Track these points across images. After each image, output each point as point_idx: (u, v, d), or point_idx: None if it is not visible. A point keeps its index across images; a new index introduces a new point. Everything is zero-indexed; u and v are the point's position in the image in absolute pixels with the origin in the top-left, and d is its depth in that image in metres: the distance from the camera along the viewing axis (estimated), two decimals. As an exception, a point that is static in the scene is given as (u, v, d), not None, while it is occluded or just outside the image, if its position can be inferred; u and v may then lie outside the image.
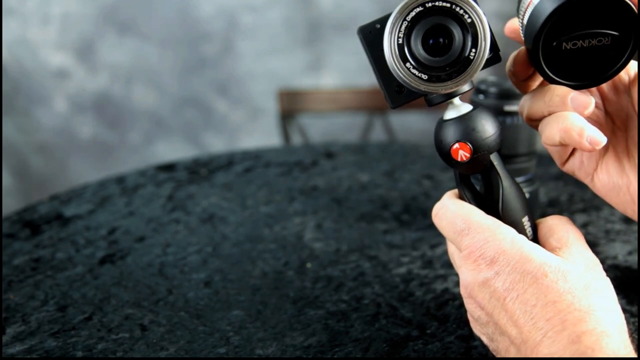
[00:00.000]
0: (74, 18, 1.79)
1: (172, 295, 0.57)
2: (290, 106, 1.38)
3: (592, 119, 0.40)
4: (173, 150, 1.91)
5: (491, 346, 0.39)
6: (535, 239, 0.41)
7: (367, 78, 1.74)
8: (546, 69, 0.37)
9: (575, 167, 0.41)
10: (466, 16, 0.36)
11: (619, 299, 0.36)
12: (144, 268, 0.62)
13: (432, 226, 0.68)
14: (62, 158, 1.97)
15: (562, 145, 0.38)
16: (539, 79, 0.41)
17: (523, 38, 0.39)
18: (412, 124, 1.71)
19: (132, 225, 0.72)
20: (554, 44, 0.36)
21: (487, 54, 0.37)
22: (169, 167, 0.91)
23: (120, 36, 1.80)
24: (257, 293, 0.56)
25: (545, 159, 0.83)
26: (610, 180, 0.40)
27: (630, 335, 0.35)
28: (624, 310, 0.49)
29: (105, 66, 1.84)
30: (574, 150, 0.41)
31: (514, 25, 0.41)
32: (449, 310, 0.53)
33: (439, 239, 0.65)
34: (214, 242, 0.67)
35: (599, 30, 0.35)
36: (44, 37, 1.81)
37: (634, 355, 0.33)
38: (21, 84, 1.87)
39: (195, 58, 1.81)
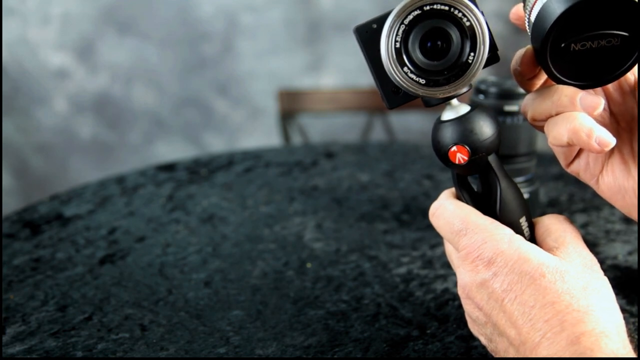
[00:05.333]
0: (74, 18, 1.79)
1: (172, 295, 0.57)
2: (290, 106, 1.38)
3: (597, 120, 0.39)
4: (173, 150, 1.91)
5: (489, 346, 0.39)
6: (532, 239, 0.41)
7: (367, 78, 1.74)
8: (554, 70, 0.37)
9: (580, 168, 0.40)
10: (464, 19, 0.36)
11: (618, 299, 0.37)
12: (144, 268, 0.62)
13: (432, 226, 0.68)
14: (62, 158, 1.97)
15: (570, 146, 0.37)
16: (543, 77, 0.40)
17: (529, 33, 0.38)
18: (412, 124, 1.71)
19: (132, 225, 0.72)
20: (562, 45, 0.35)
21: (485, 58, 0.36)
22: (169, 167, 0.91)
23: (120, 36, 1.80)
24: (257, 293, 0.56)
25: (545, 159, 0.83)
26: (616, 183, 0.39)
27: (630, 335, 0.35)
28: (624, 310, 0.49)
29: (105, 66, 1.84)
30: (579, 152, 0.40)
31: (520, 12, 0.40)
32: (449, 310, 0.53)
33: (438, 239, 0.65)
34: (214, 242, 0.67)
35: (609, 31, 0.35)
36: (44, 37, 1.81)
37: (633, 355, 0.33)
38: (21, 84, 1.87)
39: (195, 58, 1.81)
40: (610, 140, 0.35)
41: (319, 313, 0.53)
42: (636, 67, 0.37)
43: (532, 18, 0.37)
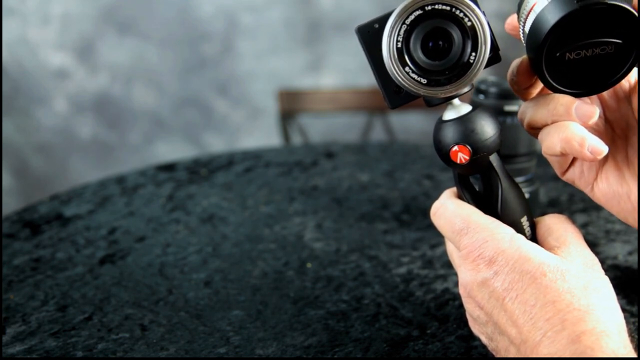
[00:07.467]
0: (74, 18, 1.79)
1: (172, 295, 0.57)
2: (290, 106, 1.38)
3: (592, 128, 0.40)
4: (173, 150, 1.91)
5: (490, 345, 0.39)
6: (534, 238, 0.41)
7: (367, 78, 1.74)
8: (549, 79, 0.37)
9: (575, 176, 0.41)
10: (466, 19, 0.36)
11: (619, 299, 0.37)
12: (144, 268, 0.62)
13: (432, 226, 0.67)
14: (62, 158, 1.97)
15: (563, 155, 0.37)
16: (540, 86, 0.40)
17: (523, 43, 0.38)
18: (412, 124, 1.71)
19: (132, 225, 0.72)
20: (557, 54, 0.36)
21: (486, 58, 0.36)
22: (169, 167, 0.91)
23: (120, 36, 1.80)
24: (257, 293, 0.56)
25: (545, 159, 0.83)
26: (611, 189, 0.39)
27: (630, 334, 0.35)
28: (624, 310, 0.49)
29: (105, 66, 1.84)
30: (574, 160, 0.41)
31: (515, 23, 0.41)
32: (449, 310, 0.53)
33: (439, 239, 0.65)
34: (214, 242, 0.67)
35: (603, 40, 0.35)
36: (44, 37, 1.81)
37: (633, 354, 0.33)
38: (21, 84, 1.87)
39: (195, 58, 1.81)
40: (603, 149, 0.35)
41: (319, 313, 0.53)
42: (631, 74, 0.37)
43: (527, 29, 0.37)
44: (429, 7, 0.35)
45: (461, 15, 0.36)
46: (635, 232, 0.65)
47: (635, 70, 0.37)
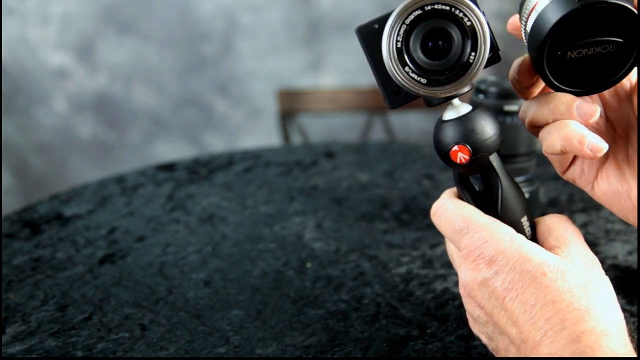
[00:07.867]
0: (74, 18, 1.79)
1: (172, 295, 0.57)
2: (290, 106, 1.38)
3: (593, 127, 0.40)
4: (173, 150, 1.91)
5: (491, 345, 0.39)
6: (534, 238, 0.41)
7: (367, 78, 1.74)
8: (551, 78, 0.37)
9: (576, 175, 0.41)
10: (466, 19, 0.36)
11: (619, 299, 0.37)
12: (144, 268, 0.62)
13: (432, 226, 0.67)
14: (62, 158, 1.97)
15: (563, 153, 0.38)
16: (541, 85, 0.41)
17: (526, 43, 0.39)
18: (412, 124, 1.71)
19: (132, 225, 0.72)
20: (559, 53, 0.36)
21: (486, 58, 0.37)
22: (169, 167, 0.91)
23: (120, 36, 1.80)
24: (257, 293, 0.56)
25: (545, 159, 0.83)
26: (611, 188, 0.40)
27: (630, 334, 0.35)
28: (624, 310, 0.49)
29: (105, 66, 1.84)
30: (574, 159, 0.41)
31: (517, 23, 0.41)
32: (449, 310, 0.53)
33: (439, 239, 0.65)
34: (214, 242, 0.67)
35: (604, 39, 0.35)
36: (44, 37, 1.81)
37: (633, 354, 0.33)
38: (21, 84, 1.87)
39: (195, 58, 1.81)
40: (603, 146, 0.36)
41: (319, 313, 0.53)
42: (632, 73, 0.37)
43: (529, 28, 0.37)
44: (429, 7, 0.35)
45: (461, 15, 0.36)
46: (635, 232, 0.65)
47: (636, 69, 0.37)
